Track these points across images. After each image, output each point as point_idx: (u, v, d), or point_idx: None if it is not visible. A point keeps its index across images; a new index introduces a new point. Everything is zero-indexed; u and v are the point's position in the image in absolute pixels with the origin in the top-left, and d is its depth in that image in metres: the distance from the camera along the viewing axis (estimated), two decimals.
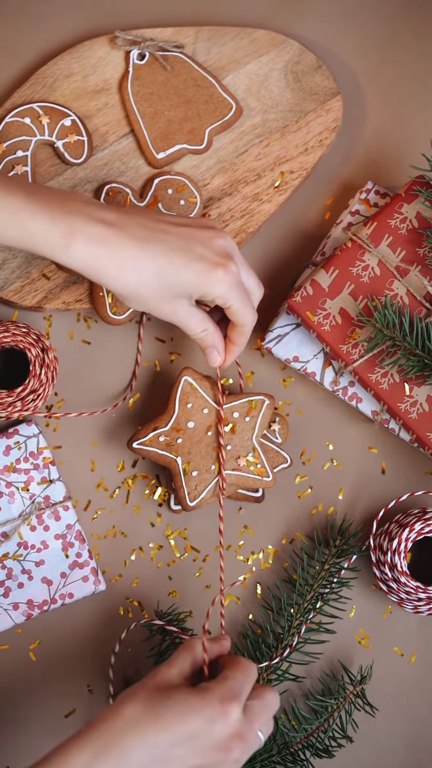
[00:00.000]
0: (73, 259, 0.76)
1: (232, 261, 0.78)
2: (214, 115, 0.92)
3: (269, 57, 0.94)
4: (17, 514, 0.88)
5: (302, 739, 0.86)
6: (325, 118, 0.93)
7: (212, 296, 0.79)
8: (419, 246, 0.87)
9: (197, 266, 0.77)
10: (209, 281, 0.78)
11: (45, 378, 0.86)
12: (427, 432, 0.86)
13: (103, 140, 0.92)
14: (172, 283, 0.78)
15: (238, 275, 0.79)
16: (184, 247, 0.77)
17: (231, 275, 0.78)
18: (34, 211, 0.76)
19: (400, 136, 0.95)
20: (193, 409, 0.86)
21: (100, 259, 0.76)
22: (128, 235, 0.77)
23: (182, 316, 0.80)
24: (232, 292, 0.78)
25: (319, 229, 0.94)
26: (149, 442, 0.86)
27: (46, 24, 0.95)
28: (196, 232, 0.79)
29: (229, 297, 0.78)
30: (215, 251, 0.78)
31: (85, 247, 0.76)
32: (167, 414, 0.86)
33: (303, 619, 0.87)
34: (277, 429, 0.89)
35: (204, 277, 0.77)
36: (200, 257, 0.77)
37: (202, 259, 0.77)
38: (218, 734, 0.69)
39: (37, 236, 0.76)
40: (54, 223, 0.76)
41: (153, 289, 0.78)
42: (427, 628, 0.90)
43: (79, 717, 0.88)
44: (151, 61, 0.92)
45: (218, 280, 0.77)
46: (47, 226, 0.76)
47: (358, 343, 0.86)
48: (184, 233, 0.78)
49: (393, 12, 0.97)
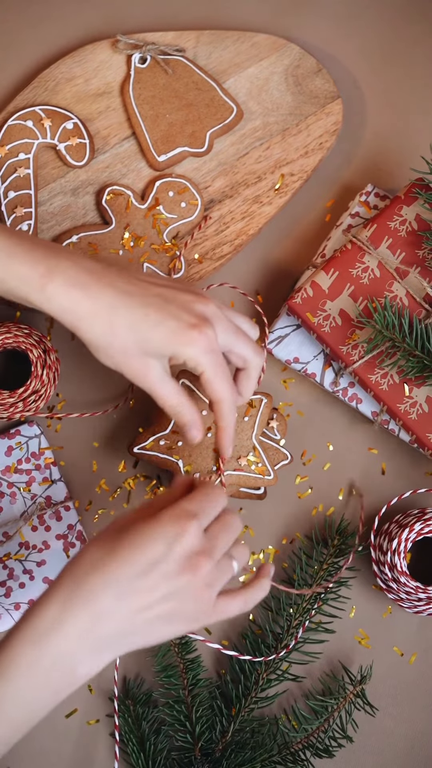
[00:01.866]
0: (49, 301, 0.74)
1: (209, 326, 0.74)
2: (215, 118, 0.93)
3: (270, 61, 0.94)
4: (19, 514, 0.89)
5: (302, 739, 0.86)
6: (325, 121, 0.94)
7: (183, 357, 0.74)
8: (419, 248, 0.87)
9: (171, 323, 0.73)
10: (180, 340, 0.73)
11: (47, 379, 0.87)
12: (427, 433, 0.86)
13: (105, 143, 0.93)
14: (145, 338, 0.74)
15: (214, 342, 0.74)
16: (162, 305, 0.74)
17: (205, 338, 0.74)
18: (14, 250, 0.74)
19: (399, 139, 0.96)
20: None
21: (77, 303, 0.73)
22: (108, 283, 0.74)
23: (154, 379, 0.75)
24: (204, 357, 0.74)
25: (319, 231, 0.95)
26: (150, 446, 0.86)
27: (49, 28, 0.96)
28: (177, 293, 0.76)
29: (200, 362, 0.74)
30: (193, 314, 0.74)
31: (63, 289, 0.73)
32: (166, 418, 0.86)
33: (302, 619, 0.87)
34: (275, 426, 0.89)
35: (176, 336, 0.73)
36: (176, 316, 0.74)
37: (178, 319, 0.74)
38: (178, 554, 0.68)
39: (15, 274, 0.73)
40: (34, 263, 0.73)
41: (125, 341, 0.74)
42: (427, 628, 0.91)
43: (81, 717, 0.89)
44: (152, 64, 0.93)
45: (190, 340, 0.73)
46: (27, 265, 0.73)
47: (358, 344, 0.86)
48: (165, 292, 0.75)
49: (393, 16, 0.98)
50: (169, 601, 0.68)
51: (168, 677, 0.86)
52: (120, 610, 0.67)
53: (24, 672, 0.66)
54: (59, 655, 0.66)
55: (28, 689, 0.66)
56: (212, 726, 0.87)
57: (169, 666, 0.87)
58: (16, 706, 0.66)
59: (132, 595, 0.67)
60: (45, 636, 0.66)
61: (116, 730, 0.85)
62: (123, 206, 0.91)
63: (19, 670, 0.66)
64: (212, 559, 0.69)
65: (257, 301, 0.94)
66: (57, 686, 0.67)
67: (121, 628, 0.67)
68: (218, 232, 0.92)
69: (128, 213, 0.91)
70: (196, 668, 0.87)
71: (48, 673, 0.66)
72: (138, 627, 0.68)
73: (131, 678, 0.89)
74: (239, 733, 0.87)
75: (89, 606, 0.66)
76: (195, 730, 0.86)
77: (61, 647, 0.66)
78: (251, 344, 0.78)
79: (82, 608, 0.66)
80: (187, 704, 0.86)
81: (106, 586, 0.67)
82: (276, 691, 0.88)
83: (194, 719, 0.86)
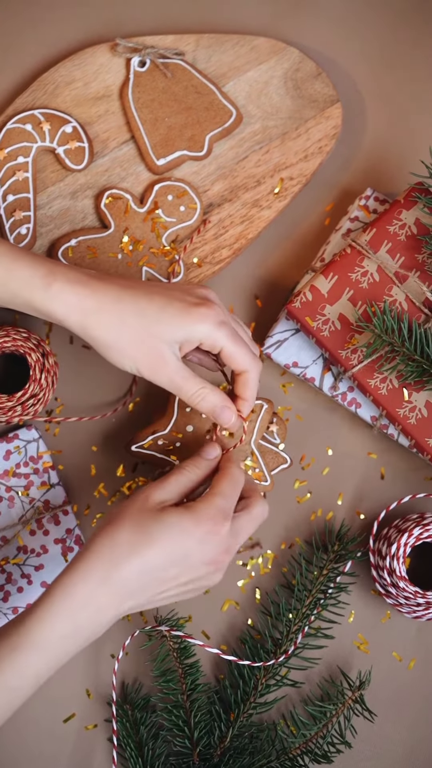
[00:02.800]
0: (53, 300, 0.75)
1: (213, 303, 0.77)
2: (215, 122, 0.93)
3: (269, 64, 0.94)
4: (17, 518, 0.88)
5: (301, 744, 0.86)
6: (324, 125, 0.94)
7: (196, 336, 0.75)
8: (418, 252, 0.87)
9: (177, 304, 0.75)
10: (190, 318, 0.75)
11: (45, 383, 0.87)
12: (426, 437, 0.86)
13: (104, 146, 0.93)
14: (154, 320, 0.75)
15: (222, 314, 0.76)
16: (164, 291, 0.76)
17: (214, 311, 0.75)
18: (17, 255, 0.76)
19: (399, 143, 0.96)
20: (192, 412, 0.86)
21: (82, 299, 0.75)
22: (109, 281, 0.76)
23: (171, 369, 0.76)
24: (218, 330, 0.75)
25: (319, 235, 0.95)
26: (148, 445, 0.86)
27: (48, 31, 0.96)
28: (178, 285, 0.79)
29: (215, 336, 0.75)
30: (196, 295, 0.77)
31: (68, 286, 0.75)
32: (166, 418, 0.86)
33: (301, 625, 0.87)
34: (275, 430, 0.89)
35: (184, 315, 0.75)
36: (180, 298, 0.76)
37: (182, 300, 0.76)
38: (208, 552, 0.74)
39: (19, 276, 0.76)
40: (36, 265, 0.76)
41: (134, 329, 0.75)
42: (425, 634, 0.90)
43: (79, 721, 0.88)
44: (151, 68, 0.93)
45: (200, 316, 0.75)
46: (29, 268, 0.76)
47: (357, 348, 0.86)
48: (167, 285, 0.78)
49: (392, 20, 0.98)
50: (188, 585, 0.75)
51: (166, 682, 0.86)
52: (145, 592, 0.73)
53: (57, 644, 0.71)
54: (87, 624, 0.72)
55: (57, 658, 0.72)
56: (211, 731, 0.86)
57: (167, 671, 0.86)
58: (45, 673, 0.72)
59: (163, 582, 0.73)
60: (79, 612, 0.71)
61: (114, 735, 0.85)
62: (122, 210, 0.91)
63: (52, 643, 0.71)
64: (233, 554, 0.76)
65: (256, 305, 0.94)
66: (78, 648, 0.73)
67: (142, 604, 0.74)
68: (217, 236, 0.92)
69: (127, 217, 0.91)
70: (194, 673, 0.86)
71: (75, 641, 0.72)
72: (155, 602, 0.75)
73: (129, 683, 0.89)
74: (238, 739, 0.86)
75: (123, 589, 0.72)
76: (193, 735, 0.86)
77: (90, 620, 0.72)
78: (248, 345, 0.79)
79: (115, 591, 0.72)
80: (186, 709, 0.86)
81: (140, 572, 0.72)
82: (275, 696, 0.88)
83: (193, 724, 0.86)
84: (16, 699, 0.72)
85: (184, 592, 0.76)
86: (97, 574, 0.72)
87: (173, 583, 0.74)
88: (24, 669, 0.71)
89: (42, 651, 0.71)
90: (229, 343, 0.76)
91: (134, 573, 0.72)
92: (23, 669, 0.71)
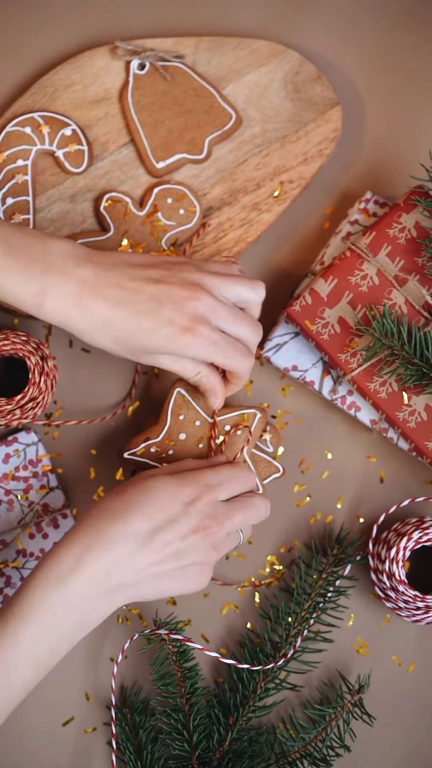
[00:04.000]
0: (46, 317, 0.77)
1: (204, 324, 0.77)
2: (214, 125, 0.93)
3: (269, 67, 0.94)
4: (16, 521, 0.88)
5: (300, 748, 0.86)
6: (324, 128, 0.94)
7: (185, 359, 0.79)
8: (418, 255, 0.87)
9: (165, 331, 0.76)
10: (178, 347, 0.77)
11: (44, 386, 0.87)
12: (426, 441, 0.86)
13: (104, 149, 0.93)
14: (143, 345, 0.77)
15: (212, 335, 0.77)
16: (155, 311, 0.76)
17: (201, 339, 0.77)
18: (9, 270, 0.76)
19: (399, 147, 0.96)
20: (185, 421, 0.86)
21: (73, 320, 0.77)
22: (101, 296, 0.76)
23: (168, 365, 0.80)
24: (207, 353, 0.78)
25: (318, 239, 0.95)
26: (140, 452, 0.86)
27: (47, 34, 0.96)
28: (170, 290, 0.77)
29: (205, 358, 0.78)
30: (187, 314, 0.77)
31: (58, 308, 0.77)
32: (159, 425, 0.86)
33: (301, 628, 0.87)
34: (268, 438, 0.89)
35: (172, 342, 0.77)
36: (169, 321, 0.76)
37: (171, 324, 0.76)
38: (194, 516, 0.75)
39: (10, 293, 0.76)
40: (28, 282, 0.76)
41: (127, 349, 0.78)
42: (425, 637, 0.90)
43: (78, 725, 0.88)
44: (151, 71, 0.93)
45: (187, 345, 0.77)
46: (21, 285, 0.76)
47: (356, 352, 0.86)
48: (157, 294, 0.77)
49: (393, 23, 0.98)
50: (178, 559, 0.74)
51: (165, 685, 0.86)
52: (133, 561, 0.73)
53: (45, 613, 0.71)
54: (77, 598, 0.71)
55: (48, 630, 0.71)
56: (210, 735, 0.86)
57: (166, 674, 0.86)
58: (37, 646, 0.71)
59: (146, 549, 0.73)
60: (65, 578, 0.71)
61: (113, 739, 0.85)
62: (121, 213, 0.91)
63: (41, 611, 0.71)
64: (223, 526, 0.76)
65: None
66: (74, 628, 0.72)
67: (131, 578, 0.73)
68: (217, 239, 0.92)
69: (127, 220, 0.91)
70: (193, 676, 0.86)
71: (66, 615, 0.71)
72: (146, 579, 0.74)
73: (128, 686, 0.89)
74: (237, 742, 0.86)
75: (107, 554, 0.72)
76: (192, 739, 0.85)
77: (79, 590, 0.71)
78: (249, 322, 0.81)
79: (99, 555, 0.72)
80: (185, 713, 0.86)
81: (124, 537, 0.73)
82: (274, 700, 0.88)
83: (192, 728, 0.86)
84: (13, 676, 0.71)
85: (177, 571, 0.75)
86: (82, 542, 0.73)
87: (162, 553, 0.74)
88: (14, 638, 0.70)
89: (32, 621, 0.71)
90: (222, 359, 0.79)
91: (117, 538, 0.73)
92: (13, 638, 0.70)
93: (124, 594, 0.74)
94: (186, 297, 0.77)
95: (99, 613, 0.73)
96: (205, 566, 0.77)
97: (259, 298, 0.82)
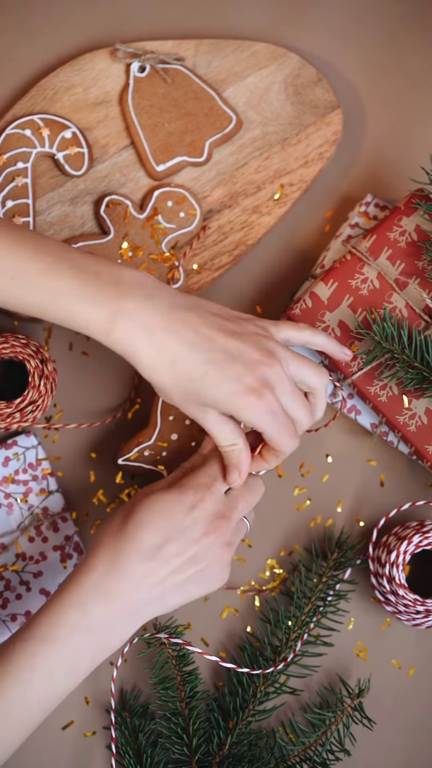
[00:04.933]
0: (113, 346, 0.74)
1: (270, 391, 0.74)
2: (215, 127, 0.92)
3: (269, 70, 0.94)
4: (16, 525, 0.88)
5: (300, 752, 0.86)
6: (324, 131, 0.94)
7: (241, 419, 0.74)
8: (418, 259, 0.87)
9: (230, 387, 0.73)
10: (238, 405, 0.73)
11: (44, 389, 0.87)
12: (426, 445, 0.86)
13: (104, 152, 0.93)
14: (202, 396, 0.74)
15: (274, 405, 0.74)
16: (224, 364, 0.73)
17: (264, 404, 0.73)
18: (80, 293, 0.73)
19: (399, 150, 0.96)
20: (175, 421, 0.86)
21: (140, 354, 0.73)
22: (174, 331, 0.73)
23: (210, 423, 0.76)
24: (263, 421, 0.74)
25: (319, 242, 0.94)
26: (134, 457, 0.86)
27: (47, 36, 0.95)
28: (244, 348, 0.74)
29: (259, 425, 0.74)
30: (255, 377, 0.74)
31: (128, 335, 0.73)
32: (150, 428, 0.86)
33: (301, 632, 0.87)
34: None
35: (233, 400, 0.73)
36: (237, 378, 0.73)
37: (238, 381, 0.73)
38: (201, 520, 0.75)
39: (81, 317, 0.73)
40: (99, 307, 0.73)
41: (181, 393, 0.74)
42: (425, 641, 0.90)
43: (77, 729, 0.88)
44: (151, 73, 0.93)
45: (248, 405, 0.73)
46: (92, 309, 0.73)
47: (357, 355, 0.86)
48: (231, 347, 0.74)
49: (393, 26, 0.98)
50: (196, 564, 0.75)
51: (165, 689, 0.86)
52: (153, 575, 0.73)
53: (67, 634, 0.72)
54: (99, 620, 0.72)
55: (70, 650, 0.72)
56: (209, 739, 0.86)
57: (166, 678, 0.86)
58: (59, 666, 0.72)
59: (163, 561, 0.74)
60: (88, 602, 0.72)
61: (113, 743, 0.85)
62: (121, 216, 0.91)
63: (63, 631, 0.72)
64: (231, 520, 0.76)
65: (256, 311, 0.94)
66: (96, 649, 0.73)
67: (155, 593, 0.74)
68: (217, 242, 0.92)
69: (127, 223, 0.91)
70: (193, 680, 0.86)
71: (89, 637, 0.72)
72: (169, 590, 0.74)
73: (128, 690, 0.89)
74: (236, 746, 0.86)
75: (127, 575, 0.73)
76: (192, 743, 0.85)
77: (101, 614, 0.72)
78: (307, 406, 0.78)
79: (120, 578, 0.73)
80: (185, 717, 0.86)
81: (139, 556, 0.73)
82: (274, 704, 0.88)
83: (191, 732, 0.86)
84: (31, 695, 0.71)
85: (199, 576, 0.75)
86: (101, 566, 0.74)
87: (178, 561, 0.74)
88: (32, 659, 0.71)
89: (51, 641, 0.72)
90: (271, 430, 0.75)
91: (134, 557, 0.73)
92: (31, 658, 0.71)
93: (149, 610, 0.74)
94: (258, 361, 0.74)
95: (121, 635, 0.74)
96: (222, 563, 0.77)
97: (321, 385, 0.78)
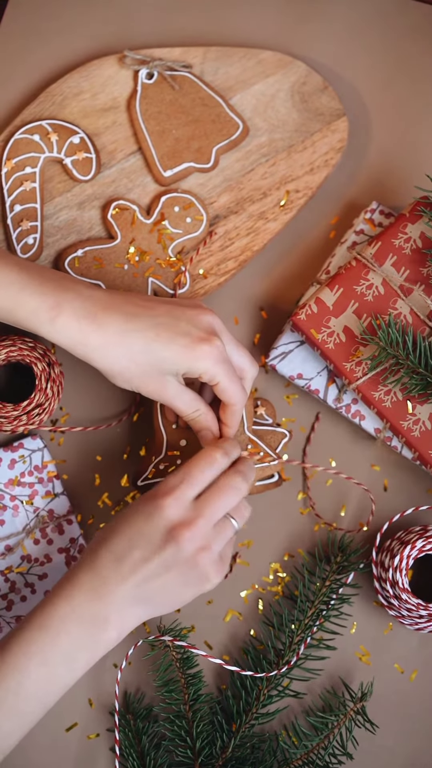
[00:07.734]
0: (59, 333, 0.77)
1: (216, 337, 0.79)
2: (221, 134, 0.93)
3: (276, 78, 0.95)
4: (21, 527, 0.89)
5: (302, 755, 0.86)
6: (330, 138, 0.94)
7: (197, 372, 0.79)
8: (423, 266, 0.88)
9: (182, 340, 0.78)
10: (193, 355, 0.78)
11: (51, 392, 0.87)
12: (430, 450, 0.86)
13: (111, 158, 0.93)
14: (159, 358, 0.78)
15: (223, 352, 0.79)
16: (170, 323, 0.78)
17: (216, 350, 0.78)
18: (25, 283, 0.77)
19: (404, 157, 0.96)
20: (179, 428, 0.86)
21: (87, 335, 0.77)
22: (116, 311, 0.78)
23: (171, 394, 0.80)
24: (217, 367, 0.78)
25: (324, 248, 0.95)
26: (151, 474, 0.86)
27: (56, 43, 0.96)
28: (182, 309, 0.80)
29: (215, 373, 0.79)
30: (200, 327, 0.79)
31: (73, 321, 0.77)
32: (157, 441, 0.87)
33: (304, 636, 0.87)
34: (263, 412, 0.89)
35: (188, 352, 0.78)
36: (185, 333, 0.78)
37: (187, 335, 0.78)
38: (157, 527, 0.76)
39: (25, 308, 0.77)
40: (44, 296, 0.77)
41: (140, 364, 0.78)
42: (427, 646, 0.91)
43: (81, 731, 0.88)
44: (159, 80, 0.93)
45: (203, 354, 0.78)
46: (36, 298, 0.77)
47: (361, 361, 0.87)
48: (171, 310, 0.79)
49: (399, 34, 0.98)
50: (169, 570, 0.76)
51: (169, 692, 0.86)
52: (128, 580, 0.75)
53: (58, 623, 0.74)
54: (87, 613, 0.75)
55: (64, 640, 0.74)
56: (212, 741, 0.86)
57: (170, 681, 0.87)
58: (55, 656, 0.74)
59: (132, 565, 0.75)
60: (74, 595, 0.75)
61: (116, 745, 0.85)
62: (128, 221, 0.91)
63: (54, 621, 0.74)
64: (197, 526, 0.76)
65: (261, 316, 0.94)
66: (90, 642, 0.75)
67: (140, 593, 0.75)
68: (223, 247, 0.93)
69: (134, 228, 0.91)
70: (197, 683, 0.86)
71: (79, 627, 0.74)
72: (152, 594, 0.76)
73: (132, 692, 0.89)
74: (239, 749, 0.86)
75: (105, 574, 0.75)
76: (195, 746, 0.86)
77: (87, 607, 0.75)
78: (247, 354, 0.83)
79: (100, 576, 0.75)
80: (188, 719, 0.86)
81: (112, 556, 0.75)
82: (277, 707, 0.88)
83: (195, 734, 0.86)
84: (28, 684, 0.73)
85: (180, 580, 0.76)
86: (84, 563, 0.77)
87: (149, 567, 0.75)
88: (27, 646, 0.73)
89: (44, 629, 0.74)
90: (225, 380, 0.79)
91: (108, 561, 0.75)
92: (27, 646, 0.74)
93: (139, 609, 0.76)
94: (198, 314, 0.80)
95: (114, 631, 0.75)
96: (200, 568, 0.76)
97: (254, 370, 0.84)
